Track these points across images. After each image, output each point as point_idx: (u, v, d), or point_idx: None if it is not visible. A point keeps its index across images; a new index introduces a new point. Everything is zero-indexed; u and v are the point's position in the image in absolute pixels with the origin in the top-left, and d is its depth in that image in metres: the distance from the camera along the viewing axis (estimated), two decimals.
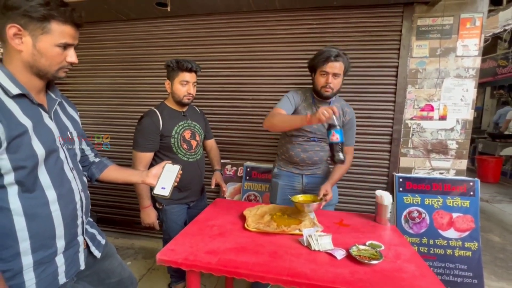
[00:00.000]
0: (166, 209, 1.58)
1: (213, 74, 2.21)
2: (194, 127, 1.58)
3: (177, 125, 1.50)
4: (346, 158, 1.46)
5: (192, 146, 1.56)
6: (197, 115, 1.66)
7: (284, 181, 1.66)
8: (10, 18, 0.68)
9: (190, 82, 1.46)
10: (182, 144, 1.51)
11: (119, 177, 1.04)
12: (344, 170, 1.52)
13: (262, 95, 2.14)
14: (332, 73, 1.40)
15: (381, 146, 2.04)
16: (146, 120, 1.44)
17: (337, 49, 1.40)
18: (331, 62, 1.38)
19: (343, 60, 1.40)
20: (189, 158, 1.55)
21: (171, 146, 1.48)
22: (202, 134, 1.64)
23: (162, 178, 1.02)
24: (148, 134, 1.44)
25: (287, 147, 1.63)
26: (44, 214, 0.76)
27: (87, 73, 2.46)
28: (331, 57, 1.37)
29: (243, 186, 2.20)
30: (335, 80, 1.42)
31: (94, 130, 2.50)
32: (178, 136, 1.50)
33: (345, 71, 1.43)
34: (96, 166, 1.03)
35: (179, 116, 1.53)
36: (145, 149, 1.45)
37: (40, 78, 0.77)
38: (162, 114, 1.47)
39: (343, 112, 1.53)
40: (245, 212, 1.44)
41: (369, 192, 2.09)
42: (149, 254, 2.31)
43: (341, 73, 1.42)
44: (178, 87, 1.45)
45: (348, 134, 1.53)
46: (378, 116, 2.01)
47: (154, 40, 2.29)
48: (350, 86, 2.01)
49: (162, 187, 1.00)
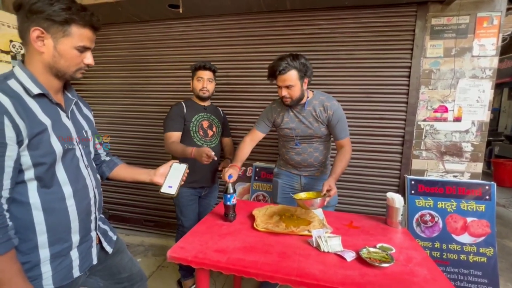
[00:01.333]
0: (179, 193, 1.65)
1: (223, 75, 2.22)
2: (212, 120, 1.78)
3: (197, 114, 1.72)
4: (344, 149, 1.48)
5: (207, 134, 1.73)
6: (218, 114, 1.85)
7: (284, 180, 1.70)
8: (34, 22, 0.71)
9: (204, 78, 1.68)
10: (199, 130, 1.71)
11: (128, 175, 1.07)
12: (345, 163, 1.46)
13: (271, 95, 2.14)
14: (284, 86, 1.40)
15: (393, 148, 2.00)
16: (173, 108, 1.70)
17: (285, 59, 1.36)
18: (279, 76, 1.37)
19: (294, 68, 1.36)
20: (203, 144, 1.71)
21: (190, 131, 1.69)
22: (219, 128, 1.80)
23: (169, 177, 1.04)
24: (175, 117, 1.67)
25: (282, 151, 1.68)
26: (61, 208, 0.78)
27: (101, 74, 2.53)
28: (277, 72, 1.36)
29: (252, 186, 2.20)
30: (290, 91, 1.41)
31: (107, 129, 2.57)
32: (197, 123, 1.71)
33: (303, 75, 1.39)
34: (106, 165, 1.06)
35: (201, 108, 1.76)
36: (172, 129, 1.66)
37: (58, 78, 0.80)
38: (187, 105, 1.72)
39: (324, 108, 1.48)
40: (254, 212, 1.44)
41: (379, 194, 2.05)
42: (159, 252, 2.34)
43: (294, 83, 1.38)
44: (195, 83, 1.71)
45: (337, 127, 1.49)
46: (390, 117, 1.97)
47: (166, 41, 2.33)
48: (361, 86, 1.99)
49: (169, 186, 1.02)
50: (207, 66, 1.69)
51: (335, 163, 1.46)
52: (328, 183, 1.36)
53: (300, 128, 1.54)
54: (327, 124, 1.51)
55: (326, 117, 1.49)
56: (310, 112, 1.51)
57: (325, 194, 1.32)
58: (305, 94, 1.48)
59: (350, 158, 1.49)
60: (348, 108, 1.95)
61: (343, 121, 1.49)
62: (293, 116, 1.54)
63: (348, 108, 1.93)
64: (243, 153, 1.57)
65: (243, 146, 1.60)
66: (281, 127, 1.58)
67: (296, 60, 1.37)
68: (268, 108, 1.62)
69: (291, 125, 1.54)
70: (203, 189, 1.77)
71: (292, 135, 1.56)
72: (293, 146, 1.60)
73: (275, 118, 1.58)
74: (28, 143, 0.69)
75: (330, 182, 1.36)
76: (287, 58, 1.36)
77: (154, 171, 1.06)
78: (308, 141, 1.57)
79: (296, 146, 1.59)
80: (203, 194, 1.79)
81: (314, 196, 1.41)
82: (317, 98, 1.51)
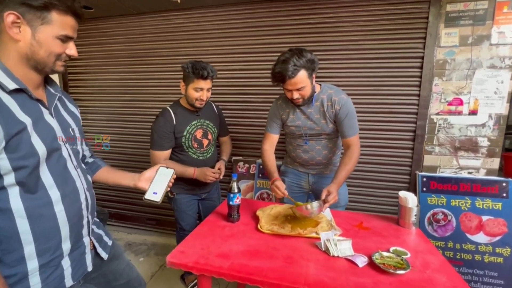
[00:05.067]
0: (176, 198, 1.63)
1: (224, 68, 2.13)
2: (207, 126, 1.60)
3: (189, 124, 1.53)
4: (351, 150, 1.38)
5: (202, 145, 1.58)
6: (212, 113, 1.67)
7: (291, 179, 1.62)
8: (7, 6, 0.64)
9: (204, 89, 1.46)
10: (193, 143, 1.55)
11: (110, 179, 1.00)
12: (350, 166, 1.35)
13: (275, 89, 2.05)
14: (294, 89, 1.29)
15: (404, 143, 1.90)
16: (161, 120, 1.49)
17: (291, 60, 1.21)
18: (288, 81, 1.25)
19: (303, 67, 1.24)
20: (199, 156, 1.58)
21: (182, 145, 1.53)
22: (215, 133, 1.65)
23: (154, 182, 0.97)
24: (164, 134, 1.48)
25: (289, 148, 1.59)
26: (48, 215, 0.72)
27: (97, 69, 2.45)
28: (286, 78, 1.23)
29: (256, 184, 2.13)
30: (302, 92, 1.30)
31: (104, 127, 2.51)
32: (190, 136, 1.54)
33: (311, 72, 1.28)
34: (89, 167, 0.99)
35: (192, 115, 1.55)
36: (162, 148, 1.49)
37: (37, 71, 0.72)
38: (176, 114, 1.51)
39: (331, 103, 1.38)
40: (258, 212, 1.37)
41: (389, 192, 1.97)
42: (162, 251, 2.30)
43: (305, 83, 1.27)
44: (191, 92, 1.46)
45: (345, 123, 1.37)
46: (401, 111, 1.87)
47: (164, 34, 2.24)
48: (370, 79, 1.89)
49: (154, 192, 0.95)
50: (210, 75, 1.43)
51: (340, 166, 1.36)
52: (328, 188, 1.27)
53: (307, 125, 1.45)
54: (334, 120, 1.42)
55: (333, 113, 1.39)
56: (317, 107, 1.41)
57: (323, 200, 1.24)
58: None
59: (357, 160, 1.39)
60: (356, 102, 1.83)
61: (352, 117, 1.38)
62: (300, 113, 1.45)
63: (355, 102, 1.80)
64: (272, 163, 1.49)
65: (268, 157, 1.49)
66: (287, 125, 1.49)
67: (301, 57, 1.24)
68: (274, 106, 1.53)
69: (298, 122, 1.46)
70: (204, 193, 1.69)
71: (300, 132, 1.47)
72: (300, 144, 1.51)
73: (281, 115, 1.49)
74: (5, 145, 0.62)
75: (330, 188, 1.27)
76: (292, 59, 1.22)
77: (138, 175, 0.98)
78: (316, 139, 1.48)
79: (304, 144, 1.50)
80: (203, 197, 1.71)
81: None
82: (325, 92, 1.41)
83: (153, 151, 1.49)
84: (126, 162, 2.50)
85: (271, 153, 1.52)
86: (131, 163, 2.48)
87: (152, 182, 0.97)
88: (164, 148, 1.49)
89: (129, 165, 2.49)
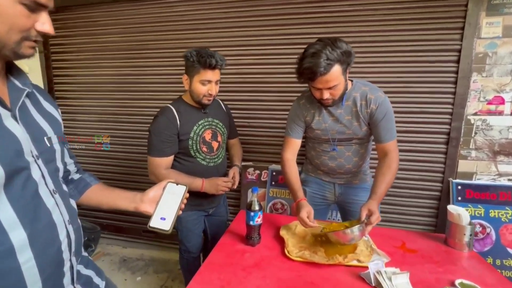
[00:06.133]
0: (181, 217, 1.35)
1: (233, 63, 1.90)
2: (216, 126, 1.35)
3: (196, 124, 1.28)
4: (389, 158, 1.16)
5: (213, 149, 1.34)
6: (221, 112, 1.42)
7: (313, 189, 1.40)
8: None
9: (212, 81, 1.23)
10: (201, 146, 1.29)
11: (104, 201, 0.76)
12: (390, 177, 1.14)
13: (290, 87, 1.82)
14: (326, 88, 1.07)
15: (435, 147, 1.70)
16: (162, 120, 1.23)
17: (323, 53, 0.99)
18: (319, 78, 1.03)
19: (337, 61, 1.01)
20: (209, 162, 1.34)
21: (189, 149, 1.27)
22: (225, 134, 1.41)
23: (161, 204, 0.73)
24: (165, 136, 1.22)
25: (312, 154, 1.36)
26: (8, 270, 0.48)
27: (89, 64, 2.18)
28: (318, 74, 1.01)
29: (268, 192, 1.91)
30: (334, 91, 1.08)
31: (97, 129, 2.24)
32: (198, 138, 1.29)
33: (346, 66, 1.06)
34: (75, 186, 0.75)
35: (199, 114, 1.31)
36: (163, 154, 1.24)
37: None
38: (179, 112, 1.25)
39: (366, 102, 1.16)
40: (281, 231, 1.15)
41: (418, 201, 1.77)
42: (161, 267, 2.05)
43: (339, 81, 1.06)
44: (197, 86, 1.22)
45: (382, 126, 1.16)
46: (433, 111, 1.67)
47: (164, 23, 1.98)
48: (399, 75, 1.68)
49: (161, 218, 0.71)
50: (219, 64, 1.19)
51: (377, 178, 1.13)
52: (368, 206, 1.04)
53: (335, 129, 1.23)
54: (369, 122, 1.20)
55: (368, 113, 1.18)
56: (349, 107, 1.20)
57: (363, 221, 1.02)
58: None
59: (397, 170, 1.17)
60: None
61: (390, 118, 1.17)
62: (327, 114, 1.22)
63: None
64: (295, 177, 1.25)
65: (290, 169, 1.26)
66: (312, 127, 1.27)
67: (335, 49, 1.00)
68: (296, 105, 1.30)
69: (324, 125, 1.23)
70: (211, 208, 1.45)
71: (327, 137, 1.25)
72: (327, 150, 1.29)
73: (305, 116, 1.27)
74: None
75: (370, 205, 1.04)
76: (324, 51, 0.99)
77: (140, 195, 0.74)
78: (346, 144, 1.26)
79: (331, 150, 1.28)
80: (211, 212, 1.46)
81: (349, 224, 1.10)
82: (358, 89, 1.19)
83: (151, 157, 1.24)
84: (122, 169, 2.24)
85: (294, 164, 1.29)
86: (127, 169, 2.22)
87: (159, 204, 0.74)
88: (166, 154, 1.24)
89: (124, 175, 2.23)
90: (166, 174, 1.22)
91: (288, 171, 1.27)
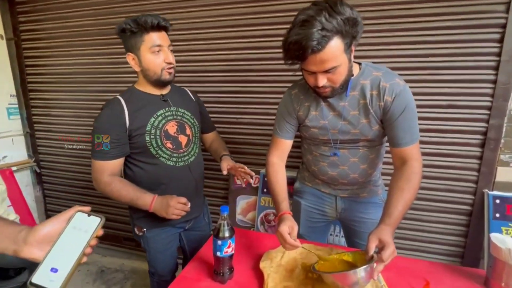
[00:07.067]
0: (148, 237, 1.11)
1: (219, 47, 1.61)
2: (182, 116, 1.10)
3: (153, 115, 1.03)
4: (409, 167, 0.84)
5: (180, 144, 1.08)
6: (187, 100, 1.17)
7: (310, 202, 1.12)
8: None
9: (164, 46, 0.99)
10: (164, 142, 1.04)
11: None
12: (410, 195, 0.81)
13: (287, 75, 1.52)
14: (321, 70, 0.77)
15: (468, 150, 1.36)
16: (105, 114, 1.00)
17: (316, 21, 0.69)
18: (311, 56, 0.73)
19: (337, 32, 0.71)
20: (177, 162, 1.08)
21: (148, 147, 1.02)
22: (197, 126, 1.15)
23: (57, 247, 0.48)
24: (109, 134, 0.97)
25: (308, 159, 1.07)
26: None
27: (59, 52, 1.93)
28: (308, 51, 0.71)
29: (259, 201, 1.62)
30: (333, 75, 0.79)
31: (71, 125, 2.01)
32: (157, 132, 1.03)
33: (349, 40, 0.75)
34: None
35: (156, 102, 1.06)
36: (106, 156, 0.98)
37: None
38: (129, 102, 1.00)
39: (379, 91, 0.86)
40: (262, 263, 0.87)
41: (443, 216, 1.44)
42: (141, 281, 1.83)
43: (339, 61, 0.76)
44: (149, 58, 0.99)
45: (400, 124, 0.85)
46: (466, 104, 1.32)
47: (140, 3, 1.71)
48: (423, 59, 1.34)
49: (52, 268, 0.46)
50: (162, 23, 0.97)
51: (393, 195, 0.82)
52: (379, 235, 0.73)
53: (337, 127, 0.93)
54: (382, 118, 0.89)
55: (381, 107, 0.87)
56: (355, 99, 0.90)
57: (372, 257, 0.71)
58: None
59: (419, 184, 0.85)
60: None
61: (410, 114, 0.86)
62: (327, 108, 0.93)
63: None
64: (281, 185, 0.98)
65: (274, 174, 1.00)
66: (307, 125, 0.98)
67: (334, 15, 0.70)
68: (287, 97, 1.01)
69: (322, 122, 0.94)
70: (188, 222, 1.18)
71: (326, 137, 0.96)
72: (326, 154, 1.00)
73: (298, 110, 0.98)
74: None
75: (382, 234, 0.73)
76: (319, 18, 0.70)
77: (27, 230, 0.48)
78: (351, 147, 0.97)
79: (331, 155, 0.98)
80: (188, 227, 1.19)
81: (351, 259, 0.80)
82: (368, 74, 0.89)
83: (94, 160, 1.00)
84: None
85: (280, 169, 1.01)
86: None
87: (54, 245, 0.48)
88: (109, 157, 0.98)
89: None
90: (108, 183, 0.97)
91: (272, 178, 1.00)
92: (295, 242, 0.79)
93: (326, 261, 0.81)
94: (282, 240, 0.81)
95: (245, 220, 1.68)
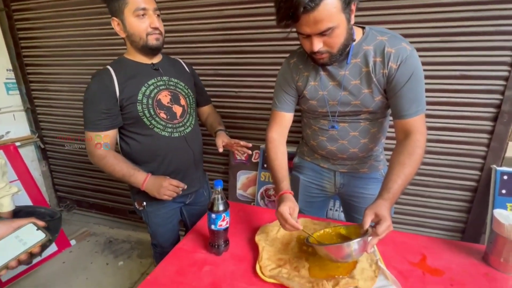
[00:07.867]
0: (148, 211, 1.12)
1: (214, 15, 1.51)
2: (175, 86, 1.06)
3: (145, 84, 0.99)
4: (412, 141, 0.80)
5: (175, 115, 1.05)
6: (180, 70, 1.13)
7: (308, 177, 1.10)
8: None
9: (149, 9, 0.93)
10: (157, 112, 1.01)
11: None
12: (411, 170, 0.77)
13: (288, 45, 1.42)
14: (316, 33, 0.70)
15: (478, 124, 1.29)
16: (94, 85, 0.96)
17: None
18: (303, 16, 0.67)
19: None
20: (173, 133, 1.05)
21: (140, 117, 0.99)
22: (191, 97, 1.11)
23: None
24: (100, 105, 0.94)
25: (307, 133, 1.03)
26: None
27: (50, 23, 1.85)
28: (300, 8, 0.65)
29: (259, 176, 1.61)
30: (330, 38, 0.72)
31: (70, 100, 1.99)
32: (150, 101, 1.00)
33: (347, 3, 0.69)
34: None
35: (147, 70, 1.02)
36: (98, 127, 0.96)
37: None
38: (118, 72, 0.97)
39: (383, 57, 0.79)
40: (257, 236, 0.87)
41: (447, 192, 1.41)
42: (146, 252, 1.90)
43: (336, 22, 0.69)
44: (134, 22, 0.93)
45: (405, 93, 0.79)
46: (479, 75, 1.23)
47: None
48: (432, 24, 1.23)
49: None
50: None
51: (393, 169, 0.78)
52: (375, 209, 0.70)
53: (336, 98, 0.88)
54: (385, 88, 0.83)
55: (385, 75, 0.81)
56: (357, 67, 0.83)
57: (367, 231, 0.69)
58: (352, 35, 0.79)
59: (422, 158, 0.80)
60: None
61: (417, 83, 0.79)
62: (326, 77, 0.87)
63: None
64: (280, 162, 0.93)
65: (274, 150, 0.95)
66: (305, 97, 0.92)
67: None
68: (285, 66, 0.95)
69: (322, 92, 0.89)
70: (189, 195, 1.18)
71: (325, 109, 0.91)
72: (325, 127, 0.96)
73: (297, 81, 0.92)
74: None
75: (378, 208, 0.70)
76: None
77: None
78: (352, 120, 0.92)
79: (330, 128, 0.94)
80: (188, 202, 1.20)
81: (346, 232, 0.79)
82: (372, 39, 0.81)
83: (86, 131, 0.98)
84: None
85: (280, 145, 0.97)
86: None
87: None
88: (101, 128, 0.96)
89: None
90: (102, 156, 0.96)
91: (272, 154, 0.96)
92: (296, 224, 0.78)
93: (321, 235, 0.80)
94: (283, 221, 0.78)
95: (246, 194, 1.69)
